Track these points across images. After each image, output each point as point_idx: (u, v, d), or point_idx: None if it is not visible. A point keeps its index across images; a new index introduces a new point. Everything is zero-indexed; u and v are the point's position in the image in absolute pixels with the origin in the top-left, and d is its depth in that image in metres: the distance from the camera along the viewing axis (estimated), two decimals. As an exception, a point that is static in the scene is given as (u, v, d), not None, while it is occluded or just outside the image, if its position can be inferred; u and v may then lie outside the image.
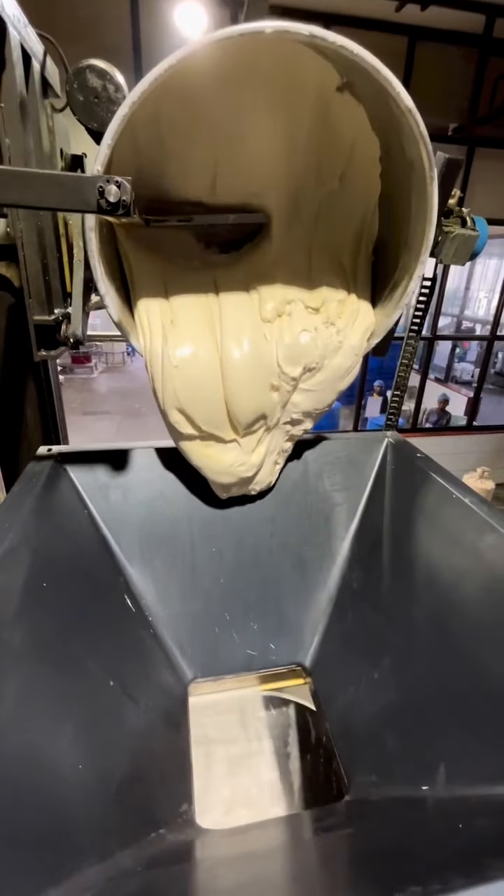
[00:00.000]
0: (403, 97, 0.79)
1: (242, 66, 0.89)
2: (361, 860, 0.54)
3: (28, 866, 0.53)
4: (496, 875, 0.39)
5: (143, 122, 0.93)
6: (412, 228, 0.96)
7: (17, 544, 0.80)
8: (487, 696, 0.76)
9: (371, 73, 0.78)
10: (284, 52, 0.87)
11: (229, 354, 1.00)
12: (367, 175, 1.03)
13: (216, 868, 0.61)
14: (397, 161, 0.95)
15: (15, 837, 0.53)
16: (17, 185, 0.58)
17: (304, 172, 1.04)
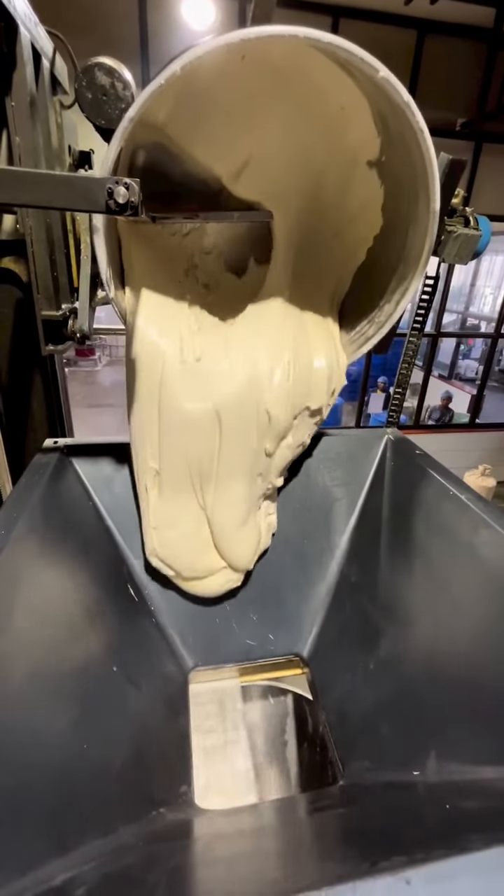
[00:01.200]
0: (419, 120, 0.79)
1: (252, 60, 0.90)
2: (351, 836, 0.57)
3: (35, 838, 0.56)
4: (476, 847, 0.42)
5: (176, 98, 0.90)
6: (406, 251, 0.98)
7: (25, 533, 0.83)
8: (478, 687, 0.78)
9: (388, 92, 0.77)
10: (295, 50, 0.88)
11: (221, 520, 1.07)
12: (368, 215, 1.05)
13: (213, 842, 0.64)
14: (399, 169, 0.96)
15: (23, 811, 0.56)
16: (28, 186, 0.60)
17: (310, 190, 1.04)
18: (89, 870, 0.53)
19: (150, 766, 0.85)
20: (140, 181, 0.67)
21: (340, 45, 0.75)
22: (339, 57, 0.79)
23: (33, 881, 0.48)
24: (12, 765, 0.58)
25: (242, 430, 1.04)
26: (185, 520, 1.07)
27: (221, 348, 1.03)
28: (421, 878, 0.38)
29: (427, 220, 0.91)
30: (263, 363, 1.03)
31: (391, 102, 0.81)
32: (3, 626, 0.67)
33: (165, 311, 1.01)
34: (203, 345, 1.01)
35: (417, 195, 0.92)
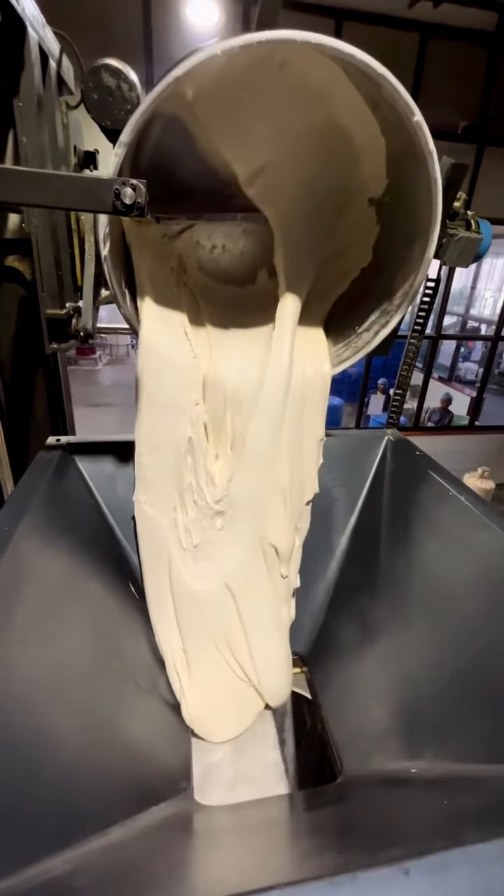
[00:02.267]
0: (427, 136, 0.79)
1: (293, 74, 0.91)
2: (350, 830, 0.57)
3: (37, 831, 0.57)
4: (474, 840, 0.42)
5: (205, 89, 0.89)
6: (390, 290, 0.98)
7: (28, 530, 0.83)
8: (475, 686, 0.79)
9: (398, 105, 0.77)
10: (334, 76, 0.89)
11: (263, 667, 1.07)
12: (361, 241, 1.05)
13: (213, 836, 0.64)
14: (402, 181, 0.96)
15: (26, 804, 0.57)
16: (37, 186, 0.60)
17: (310, 213, 1.04)
18: (91, 862, 0.54)
19: (150, 761, 0.86)
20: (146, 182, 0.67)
21: (390, 82, 0.74)
22: (378, 93, 0.79)
23: (37, 872, 0.49)
24: (15, 759, 0.58)
25: (257, 586, 1.05)
26: (224, 689, 1.06)
27: (217, 528, 1.04)
28: (420, 869, 0.39)
29: (419, 265, 0.92)
30: (263, 499, 1.03)
31: (413, 148, 0.81)
32: (7, 621, 0.67)
33: (170, 345, 1.00)
34: (199, 529, 1.03)
35: (414, 239, 0.93)
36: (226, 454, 1.03)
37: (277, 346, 0.98)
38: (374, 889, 0.38)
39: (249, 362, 1.01)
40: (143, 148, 0.97)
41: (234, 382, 1.00)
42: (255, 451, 0.99)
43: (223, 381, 1.00)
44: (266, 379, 0.97)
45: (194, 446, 1.00)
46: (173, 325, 1.00)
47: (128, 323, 0.98)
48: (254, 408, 0.98)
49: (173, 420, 0.99)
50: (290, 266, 1.03)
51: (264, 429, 0.99)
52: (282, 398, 1.00)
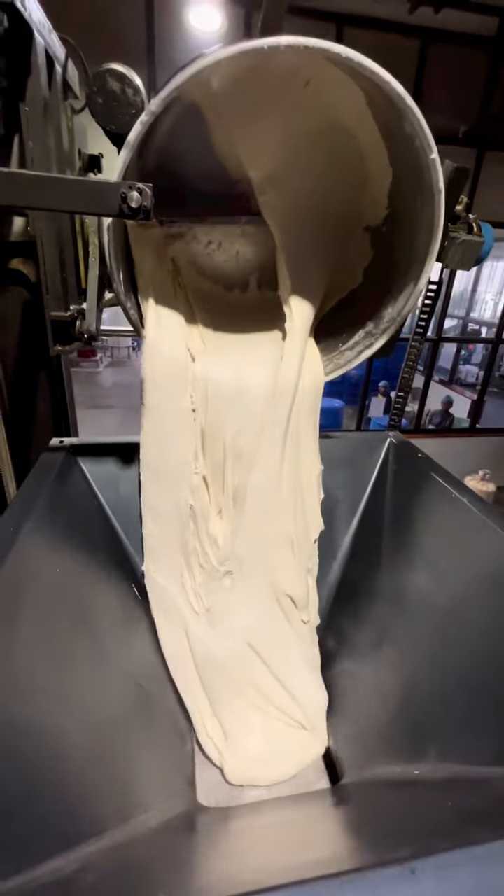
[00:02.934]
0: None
1: (314, 93, 0.91)
2: (355, 830, 0.57)
3: (45, 832, 0.57)
4: (480, 840, 0.43)
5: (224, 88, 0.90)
6: (377, 316, 0.99)
7: (32, 531, 0.84)
8: (479, 688, 0.79)
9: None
10: (357, 103, 0.89)
11: (304, 704, 1.03)
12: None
13: (219, 837, 0.65)
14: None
15: (34, 805, 0.57)
16: (45, 190, 0.61)
17: (310, 231, 1.04)
18: (97, 862, 0.54)
19: (153, 762, 0.86)
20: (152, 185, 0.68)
21: (416, 116, 0.75)
22: (398, 123, 0.79)
23: (45, 871, 0.49)
24: (22, 759, 0.59)
25: (281, 637, 1.03)
26: (272, 738, 1.02)
27: (227, 589, 1.03)
28: (426, 868, 0.39)
29: (410, 294, 0.93)
30: (271, 551, 1.02)
31: (421, 184, 0.82)
32: (12, 622, 0.68)
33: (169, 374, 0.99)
34: (209, 592, 1.02)
35: (408, 269, 0.94)
36: (228, 510, 1.02)
37: (279, 399, 0.99)
38: (381, 887, 0.38)
39: (243, 373, 1.01)
40: (148, 151, 0.98)
41: (230, 393, 1.00)
42: (257, 504, 0.99)
43: (218, 389, 1.00)
44: (265, 432, 0.98)
45: (196, 512, 1.01)
46: (174, 329, 1.01)
47: (132, 326, 0.98)
48: (253, 459, 0.98)
49: (175, 430, 0.99)
50: (294, 284, 1.03)
51: (265, 480, 0.99)
52: (280, 448, 1.00)
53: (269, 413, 0.97)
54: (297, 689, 1.02)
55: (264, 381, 0.99)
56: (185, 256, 1.14)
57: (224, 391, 0.99)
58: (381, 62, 0.77)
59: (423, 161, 0.79)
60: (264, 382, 0.99)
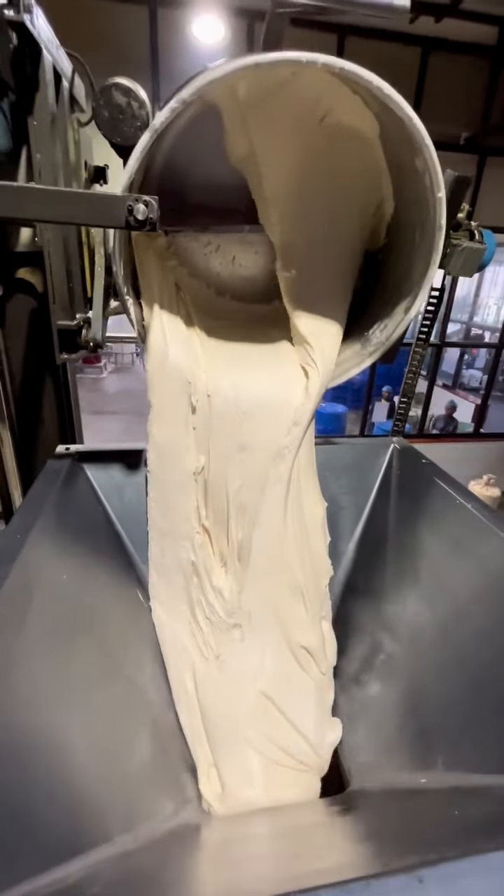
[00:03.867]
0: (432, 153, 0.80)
1: (332, 130, 0.94)
2: (361, 838, 0.57)
3: (52, 840, 0.57)
4: (487, 849, 0.43)
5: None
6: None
7: (39, 538, 0.85)
8: (485, 695, 0.79)
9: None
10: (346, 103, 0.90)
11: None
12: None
13: (223, 845, 0.64)
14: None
15: (40, 813, 0.57)
16: (53, 204, 0.62)
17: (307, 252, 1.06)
18: (104, 869, 0.54)
19: (158, 771, 0.86)
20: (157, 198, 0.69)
21: (431, 152, 0.77)
22: (409, 158, 0.81)
23: (51, 880, 0.49)
24: (29, 765, 0.59)
25: (297, 686, 0.99)
26: (263, 793, 0.93)
27: (238, 640, 1.00)
28: (434, 877, 0.39)
29: (399, 322, 0.95)
30: (281, 605, 1.01)
31: (424, 220, 0.83)
32: (20, 627, 0.68)
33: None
34: (218, 642, 1.00)
35: (399, 300, 0.95)
36: (233, 564, 1.02)
37: (286, 454, 0.99)
38: (388, 896, 0.38)
39: (245, 383, 1.02)
40: (154, 161, 1.00)
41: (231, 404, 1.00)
42: (262, 560, 0.98)
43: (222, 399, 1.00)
44: (267, 492, 0.98)
45: (198, 567, 1.01)
46: (178, 336, 1.02)
47: (137, 334, 0.99)
48: (256, 516, 0.99)
49: (177, 440, 1.00)
50: (306, 304, 1.04)
51: (269, 536, 0.99)
52: (282, 508, 1.00)
53: (272, 469, 0.98)
54: (310, 731, 0.98)
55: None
56: (183, 256, 1.15)
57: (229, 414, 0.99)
58: (381, 72, 0.79)
59: (428, 198, 0.80)
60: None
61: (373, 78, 0.71)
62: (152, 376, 0.97)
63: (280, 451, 0.98)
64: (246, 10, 3.74)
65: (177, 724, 0.97)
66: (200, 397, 0.97)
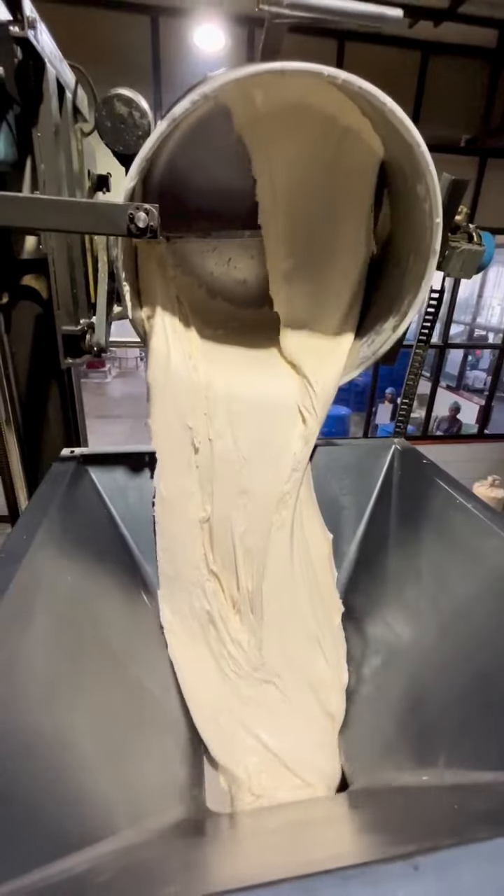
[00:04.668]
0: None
1: (322, 121, 0.96)
2: (361, 831, 0.58)
3: (57, 832, 0.58)
4: (482, 838, 0.43)
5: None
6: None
7: (45, 539, 0.86)
8: (486, 693, 0.79)
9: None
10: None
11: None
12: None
13: (226, 840, 0.65)
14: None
15: (47, 806, 0.59)
16: (58, 213, 0.64)
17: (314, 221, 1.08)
18: (108, 861, 0.55)
19: (163, 768, 0.87)
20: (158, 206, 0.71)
21: (434, 179, 0.79)
22: (414, 184, 0.84)
23: (58, 869, 0.51)
24: (38, 759, 0.60)
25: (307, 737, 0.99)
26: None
27: (278, 700, 1.01)
28: (429, 864, 0.40)
29: (388, 338, 0.98)
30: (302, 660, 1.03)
31: (419, 246, 0.86)
32: (26, 626, 0.70)
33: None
34: (250, 692, 1.02)
35: (388, 316, 0.98)
36: (246, 614, 1.04)
37: (285, 513, 1.01)
38: (384, 882, 0.39)
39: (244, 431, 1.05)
40: (155, 168, 1.02)
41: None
42: (276, 611, 1.01)
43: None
44: (272, 538, 1.01)
45: (213, 616, 1.04)
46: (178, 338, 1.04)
47: (140, 337, 1.01)
48: (264, 563, 1.01)
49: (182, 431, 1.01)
50: (296, 318, 1.06)
51: (280, 587, 1.01)
52: (289, 553, 1.02)
53: (276, 515, 1.00)
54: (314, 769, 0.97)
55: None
56: (180, 253, 1.17)
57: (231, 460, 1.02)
58: (381, 76, 0.80)
59: (426, 222, 0.82)
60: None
61: (387, 101, 0.73)
62: (154, 380, 0.99)
63: (282, 496, 1.02)
64: (246, 18, 3.78)
65: (182, 723, 0.98)
66: (202, 439, 1.00)
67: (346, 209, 1.01)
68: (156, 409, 0.99)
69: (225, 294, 1.23)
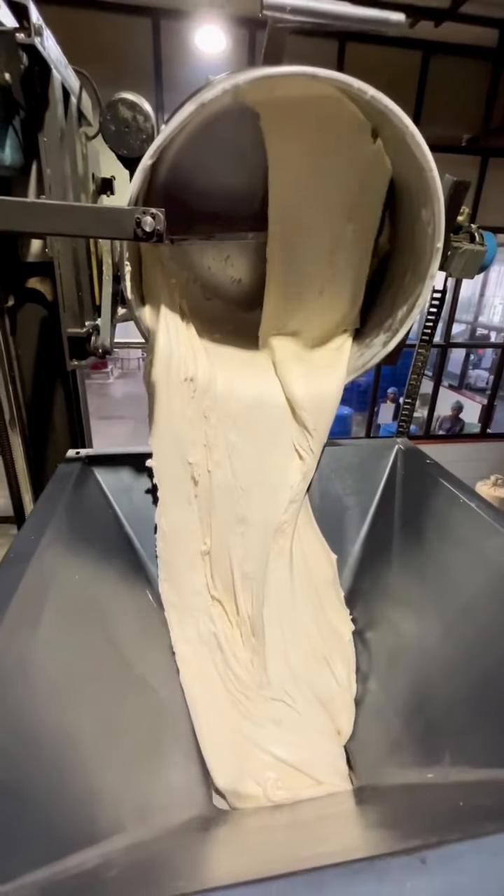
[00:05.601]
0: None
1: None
2: (368, 827, 0.59)
3: (66, 826, 0.59)
4: (488, 832, 0.44)
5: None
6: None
7: (53, 538, 0.87)
8: (490, 690, 0.80)
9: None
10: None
11: None
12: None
13: (233, 836, 0.66)
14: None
15: (58, 803, 0.60)
16: (66, 218, 0.65)
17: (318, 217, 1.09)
18: (118, 857, 0.56)
19: (167, 766, 0.88)
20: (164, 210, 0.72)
21: (441, 202, 0.80)
22: (418, 208, 0.85)
23: (69, 865, 0.52)
24: (47, 756, 0.61)
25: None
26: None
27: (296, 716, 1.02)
28: (435, 858, 0.41)
29: (377, 354, 1.00)
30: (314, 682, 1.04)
31: (417, 261, 0.86)
32: (36, 623, 0.71)
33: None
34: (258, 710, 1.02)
35: (381, 330, 0.99)
36: (248, 638, 1.05)
37: (285, 529, 1.03)
38: (391, 875, 0.40)
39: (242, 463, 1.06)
40: (158, 173, 1.03)
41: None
42: (278, 635, 1.02)
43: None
44: (271, 566, 1.02)
45: (220, 639, 1.05)
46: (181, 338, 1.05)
47: (144, 337, 1.02)
48: (263, 590, 1.02)
49: (184, 512, 1.06)
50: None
51: (281, 612, 1.02)
52: (289, 581, 1.03)
53: (274, 544, 1.01)
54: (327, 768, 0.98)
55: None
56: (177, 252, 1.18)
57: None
58: (383, 76, 0.81)
59: (426, 245, 0.83)
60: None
61: (409, 123, 0.73)
62: (158, 378, 1.00)
63: (279, 526, 1.02)
64: (246, 19, 3.79)
65: (187, 723, 0.99)
66: (201, 471, 1.02)
67: (356, 219, 1.02)
68: (156, 445, 1.03)
69: (219, 291, 1.24)
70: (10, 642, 0.63)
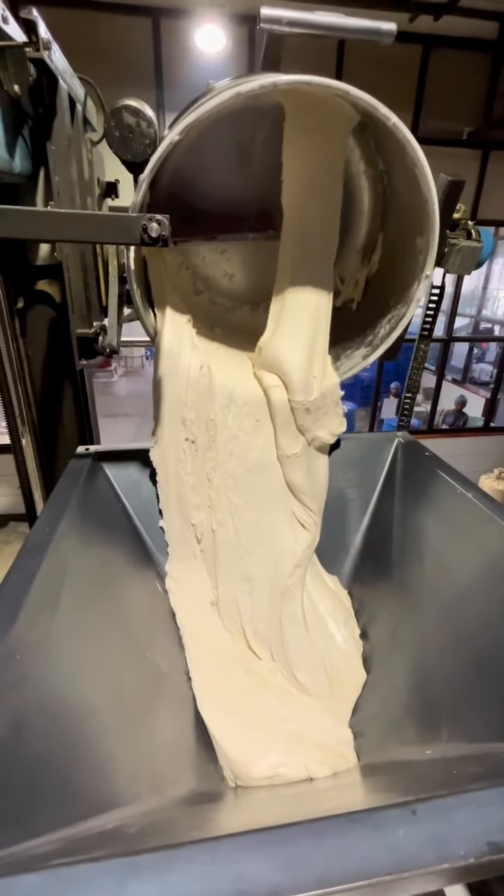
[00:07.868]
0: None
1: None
2: (369, 793, 0.63)
3: (87, 791, 0.64)
4: (475, 789, 0.48)
5: None
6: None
7: (67, 530, 0.92)
8: (486, 671, 0.84)
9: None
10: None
11: None
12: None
13: (243, 804, 0.71)
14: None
15: (80, 770, 0.64)
16: (75, 225, 0.69)
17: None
18: (136, 819, 0.61)
19: (179, 745, 0.92)
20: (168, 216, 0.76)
21: (434, 236, 0.82)
22: (410, 240, 0.88)
23: (92, 826, 0.56)
24: (68, 729, 0.66)
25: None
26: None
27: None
28: (426, 809, 0.45)
29: (356, 363, 1.03)
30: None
31: (405, 290, 0.90)
32: (55, 608, 0.75)
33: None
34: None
35: (362, 344, 1.04)
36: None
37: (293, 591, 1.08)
38: (385, 825, 0.44)
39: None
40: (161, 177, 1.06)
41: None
42: (294, 662, 1.06)
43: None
44: (286, 631, 1.06)
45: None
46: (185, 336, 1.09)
47: (149, 336, 1.06)
48: (283, 651, 1.06)
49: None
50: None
51: (298, 660, 1.07)
52: (308, 642, 1.07)
53: (284, 608, 1.06)
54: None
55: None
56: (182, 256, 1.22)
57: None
58: (383, 71, 0.84)
59: (415, 272, 0.85)
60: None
61: (421, 156, 0.76)
62: (164, 375, 1.04)
63: (286, 589, 1.07)
64: (246, 17, 3.80)
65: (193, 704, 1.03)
66: (205, 530, 1.09)
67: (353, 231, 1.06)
68: (162, 500, 1.11)
69: (209, 282, 1.27)
70: (33, 623, 0.67)
